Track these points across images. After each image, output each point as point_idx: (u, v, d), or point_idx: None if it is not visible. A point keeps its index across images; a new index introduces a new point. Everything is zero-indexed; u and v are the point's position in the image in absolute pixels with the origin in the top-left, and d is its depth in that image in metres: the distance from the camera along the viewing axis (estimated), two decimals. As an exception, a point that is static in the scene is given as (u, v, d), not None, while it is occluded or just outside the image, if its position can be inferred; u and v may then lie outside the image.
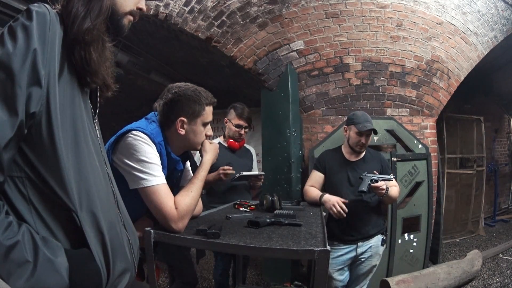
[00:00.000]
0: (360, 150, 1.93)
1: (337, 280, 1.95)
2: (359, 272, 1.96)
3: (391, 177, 1.80)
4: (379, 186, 1.72)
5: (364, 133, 1.88)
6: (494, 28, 3.09)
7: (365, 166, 1.92)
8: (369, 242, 1.92)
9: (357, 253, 1.92)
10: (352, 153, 1.97)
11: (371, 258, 1.93)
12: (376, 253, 1.94)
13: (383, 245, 1.97)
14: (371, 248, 1.92)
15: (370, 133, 1.90)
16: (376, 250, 1.93)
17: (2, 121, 0.52)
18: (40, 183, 0.58)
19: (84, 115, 0.68)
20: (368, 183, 1.75)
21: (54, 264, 0.54)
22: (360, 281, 1.98)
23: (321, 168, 2.02)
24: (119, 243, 0.69)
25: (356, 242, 1.90)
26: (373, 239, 1.92)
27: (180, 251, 1.66)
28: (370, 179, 1.76)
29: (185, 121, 1.17)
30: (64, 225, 0.60)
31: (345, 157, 1.99)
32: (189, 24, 2.50)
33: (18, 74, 0.54)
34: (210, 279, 3.00)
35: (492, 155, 5.31)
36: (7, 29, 0.57)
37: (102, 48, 0.68)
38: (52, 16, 0.60)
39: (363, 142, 1.89)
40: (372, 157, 2.01)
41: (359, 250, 1.91)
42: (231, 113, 2.20)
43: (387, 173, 1.91)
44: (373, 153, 2.06)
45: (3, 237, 0.50)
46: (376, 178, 1.77)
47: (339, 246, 1.92)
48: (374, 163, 1.96)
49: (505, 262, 3.26)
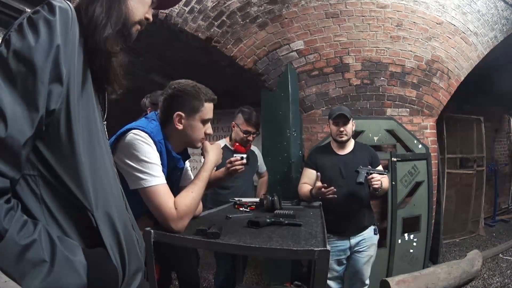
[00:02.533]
0: (341, 139, 1.98)
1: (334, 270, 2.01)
2: (358, 264, 2.00)
3: (385, 172, 1.90)
4: (374, 177, 1.79)
5: (340, 121, 1.96)
6: (494, 28, 3.09)
7: (355, 158, 1.98)
8: (361, 233, 1.98)
9: (351, 244, 1.96)
10: (340, 146, 2.04)
11: (367, 249, 1.98)
12: (371, 243, 1.99)
13: (376, 235, 2.03)
14: (365, 239, 1.97)
15: (345, 120, 1.96)
16: (370, 240, 1.99)
17: (22, 117, 0.51)
18: (55, 181, 0.57)
19: (97, 116, 0.68)
20: (365, 175, 1.82)
21: (73, 263, 0.54)
22: (361, 273, 2.01)
23: (312, 165, 2.07)
24: (132, 243, 0.69)
25: (348, 235, 1.96)
26: (365, 230, 1.98)
27: (183, 252, 1.65)
28: (366, 171, 1.83)
29: (183, 115, 1.16)
30: (78, 224, 0.59)
31: (334, 151, 2.05)
32: (189, 24, 2.50)
33: (41, 69, 0.52)
34: (210, 279, 3.00)
35: (492, 155, 5.31)
36: (26, 20, 0.55)
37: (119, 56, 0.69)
38: (73, 14, 0.59)
39: (341, 129, 1.96)
40: (360, 148, 2.07)
41: (353, 241, 1.96)
42: (238, 118, 2.15)
43: (377, 164, 2.03)
44: (361, 146, 2.13)
45: (18, 236, 0.49)
46: (372, 171, 1.84)
47: (332, 238, 1.97)
48: (363, 155, 2.02)
49: (505, 262, 3.26)
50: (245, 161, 1.53)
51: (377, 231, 2.03)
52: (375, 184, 1.79)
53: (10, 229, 0.48)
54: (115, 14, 0.65)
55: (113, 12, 0.65)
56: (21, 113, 0.51)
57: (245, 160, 1.53)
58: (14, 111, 0.50)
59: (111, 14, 0.64)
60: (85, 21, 0.62)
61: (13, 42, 0.53)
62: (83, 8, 0.63)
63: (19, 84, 0.51)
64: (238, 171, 1.55)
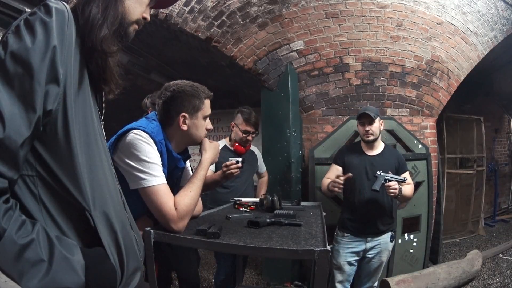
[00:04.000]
0: (368, 139, 1.97)
1: (345, 272, 1.98)
2: (370, 268, 1.99)
3: (405, 179, 1.83)
4: (391, 186, 1.75)
5: (365, 121, 1.96)
6: (494, 28, 3.09)
7: (383, 161, 1.96)
8: (378, 238, 1.95)
9: (366, 247, 1.94)
10: (369, 147, 2.02)
11: (381, 253, 1.96)
12: (386, 249, 1.97)
13: (392, 242, 1.99)
14: (380, 244, 1.95)
15: (370, 120, 1.94)
16: (385, 246, 1.96)
17: (19, 118, 0.51)
18: (53, 182, 0.57)
19: (94, 116, 0.68)
20: (382, 182, 1.77)
21: (71, 262, 0.54)
22: (372, 276, 2.01)
23: (339, 162, 2.06)
24: (130, 242, 0.69)
25: (366, 237, 1.94)
26: (383, 235, 1.96)
27: (183, 252, 1.65)
28: (384, 178, 1.78)
29: (187, 116, 1.18)
30: (76, 224, 0.60)
31: (363, 151, 2.03)
32: (189, 24, 2.50)
33: (38, 70, 0.53)
34: (210, 279, 3.00)
35: (492, 155, 5.31)
36: (23, 22, 0.55)
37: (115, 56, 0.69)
38: (70, 15, 0.59)
39: (367, 129, 1.95)
40: (390, 153, 2.05)
41: (369, 245, 1.94)
42: (238, 118, 2.16)
43: (404, 170, 1.98)
44: (392, 150, 2.13)
45: (17, 236, 0.49)
46: (390, 178, 1.79)
47: (349, 238, 1.96)
48: (391, 159, 2.00)
49: (505, 262, 3.26)
50: (240, 165, 1.56)
51: (393, 238, 1.99)
52: (391, 192, 1.75)
53: (8, 229, 0.49)
54: (111, 14, 0.65)
55: (109, 12, 0.65)
56: (19, 113, 0.51)
57: (241, 164, 1.56)
58: (12, 112, 0.51)
59: (107, 14, 0.64)
60: (81, 22, 0.63)
61: (10, 43, 0.53)
62: (79, 9, 0.63)
63: (16, 85, 0.52)
64: (234, 175, 1.58)
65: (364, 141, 2.01)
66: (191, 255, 1.75)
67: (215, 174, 1.70)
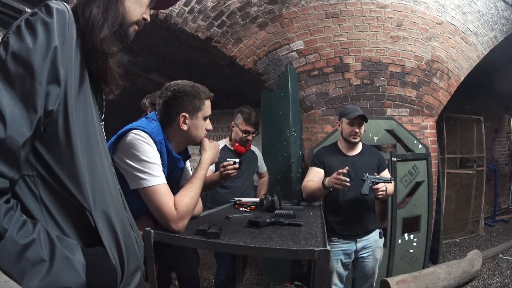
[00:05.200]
0: (354, 141, 1.94)
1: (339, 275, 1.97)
2: (365, 268, 1.98)
3: (391, 179, 1.84)
4: (379, 188, 1.77)
5: (356, 122, 1.91)
6: (494, 28, 3.09)
7: (364, 160, 1.95)
8: (367, 237, 1.95)
9: (357, 248, 1.93)
10: (349, 147, 1.99)
11: (374, 252, 1.95)
12: (377, 246, 1.97)
13: (381, 238, 2.00)
14: (371, 242, 1.95)
15: (361, 121, 1.91)
16: (376, 244, 1.96)
17: (21, 118, 0.51)
18: (54, 182, 0.57)
19: (95, 117, 0.68)
20: (370, 185, 1.77)
21: (72, 262, 0.54)
22: (369, 277, 1.99)
23: (320, 164, 2.01)
24: (130, 242, 0.70)
25: (355, 238, 1.93)
26: (371, 233, 1.96)
27: (183, 252, 1.65)
28: (371, 181, 1.78)
29: (187, 116, 1.18)
30: (76, 224, 0.60)
31: (342, 152, 2.01)
32: (189, 24, 2.50)
33: (39, 71, 0.53)
34: (210, 279, 3.00)
35: (492, 155, 5.31)
36: (24, 22, 0.55)
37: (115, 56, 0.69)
38: (70, 16, 0.60)
39: (356, 131, 1.91)
40: (369, 152, 2.03)
41: (359, 245, 1.93)
42: (238, 118, 2.15)
43: (384, 167, 1.99)
44: (369, 148, 2.09)
45: (18, 236, 0.49)
46: (377, 180, 1.79)
47: (338, 241, 1.94)
48: (371, 158, 1.99)
49: (505, 262, 3.26)
50: (237, 166, 1.55)
51: (382, 235, 2.00)
52: (380, 194, 1.77)
53: (9, 229, 0.49)
54: (111, 15, 0.65)
55: (109, 13, 0.65)
56: (20, 114, 0.51)
57: (238, 165, 1.55)
58: (13, 112, 0.51)
59: (107, 15, 0.64)
60: (82, 22, 0.63)
61: (11, 44, 0.53)
62: (80, 9, 0.63)
63: (17, 85, 0.52)
64: (231, 175, 1.58)
65: (349, 142, 1.95)
66: (191, 255, 1.75)
67: (213, 175, 1.69)
